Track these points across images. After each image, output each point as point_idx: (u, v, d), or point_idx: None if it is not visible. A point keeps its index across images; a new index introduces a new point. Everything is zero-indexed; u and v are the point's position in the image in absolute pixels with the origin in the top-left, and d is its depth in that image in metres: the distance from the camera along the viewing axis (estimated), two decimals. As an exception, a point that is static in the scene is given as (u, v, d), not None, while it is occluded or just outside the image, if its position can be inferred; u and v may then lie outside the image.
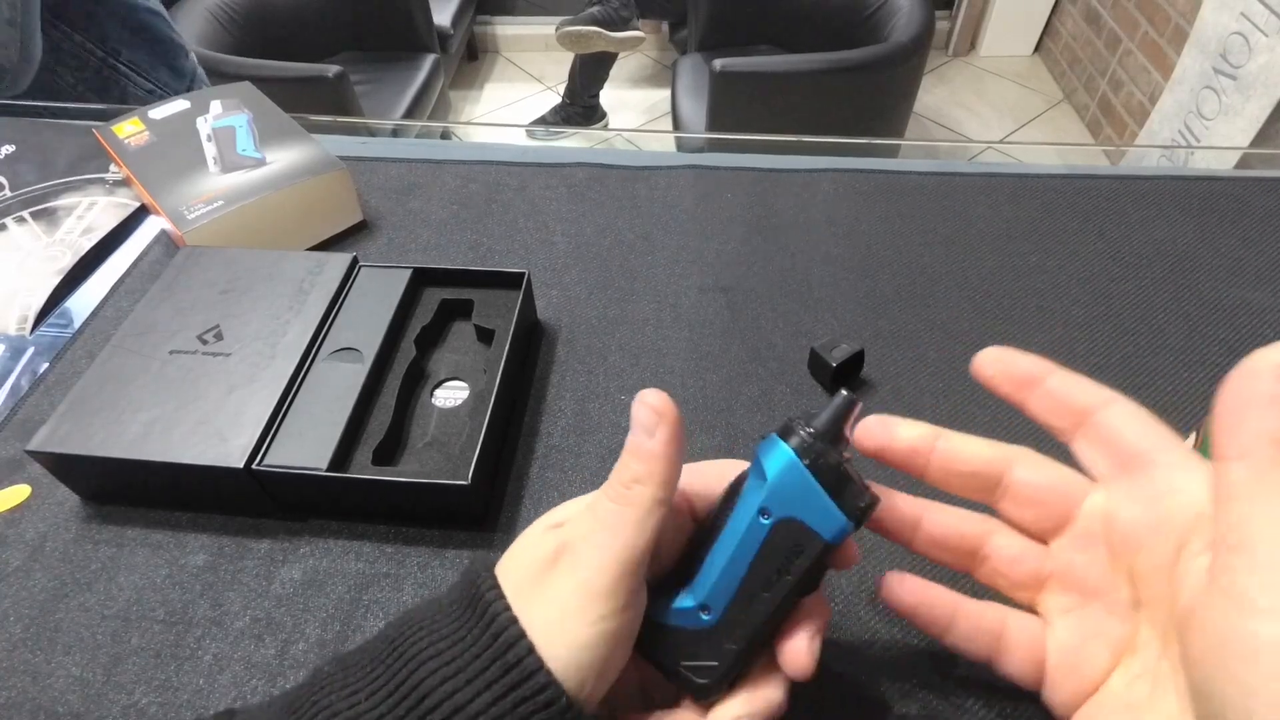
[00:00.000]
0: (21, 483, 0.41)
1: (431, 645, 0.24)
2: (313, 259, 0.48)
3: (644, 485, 0.24)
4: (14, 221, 0.58)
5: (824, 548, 0.25)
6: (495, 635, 0.23)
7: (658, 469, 0.25)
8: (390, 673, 0.24)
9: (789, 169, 0.62)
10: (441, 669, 0.23)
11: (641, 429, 0.25)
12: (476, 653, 0.23)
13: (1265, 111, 1.56)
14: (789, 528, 0.25)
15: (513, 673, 0.22)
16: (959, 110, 2.60)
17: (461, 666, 0.23)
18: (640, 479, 0.25)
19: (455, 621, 0.24)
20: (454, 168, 0.63)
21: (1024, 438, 0.43)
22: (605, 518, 0.24)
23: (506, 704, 0.22)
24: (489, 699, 0.22)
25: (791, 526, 0.25)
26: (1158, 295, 0.51)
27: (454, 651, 0.23)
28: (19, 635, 0.35)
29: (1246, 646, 0.18)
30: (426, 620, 0.25)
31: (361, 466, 0.39)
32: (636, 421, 0.25)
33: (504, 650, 0.23)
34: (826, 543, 0.25)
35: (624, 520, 0.24)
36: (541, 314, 0.51)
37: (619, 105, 2.61)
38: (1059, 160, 0.80)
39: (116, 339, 0.43)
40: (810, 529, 0.25)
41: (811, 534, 0.25)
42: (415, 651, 0.24)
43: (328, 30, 2.10)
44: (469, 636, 0.24)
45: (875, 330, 0.49)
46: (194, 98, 0.62)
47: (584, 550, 0.24)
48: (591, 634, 0.23)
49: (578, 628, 0.23)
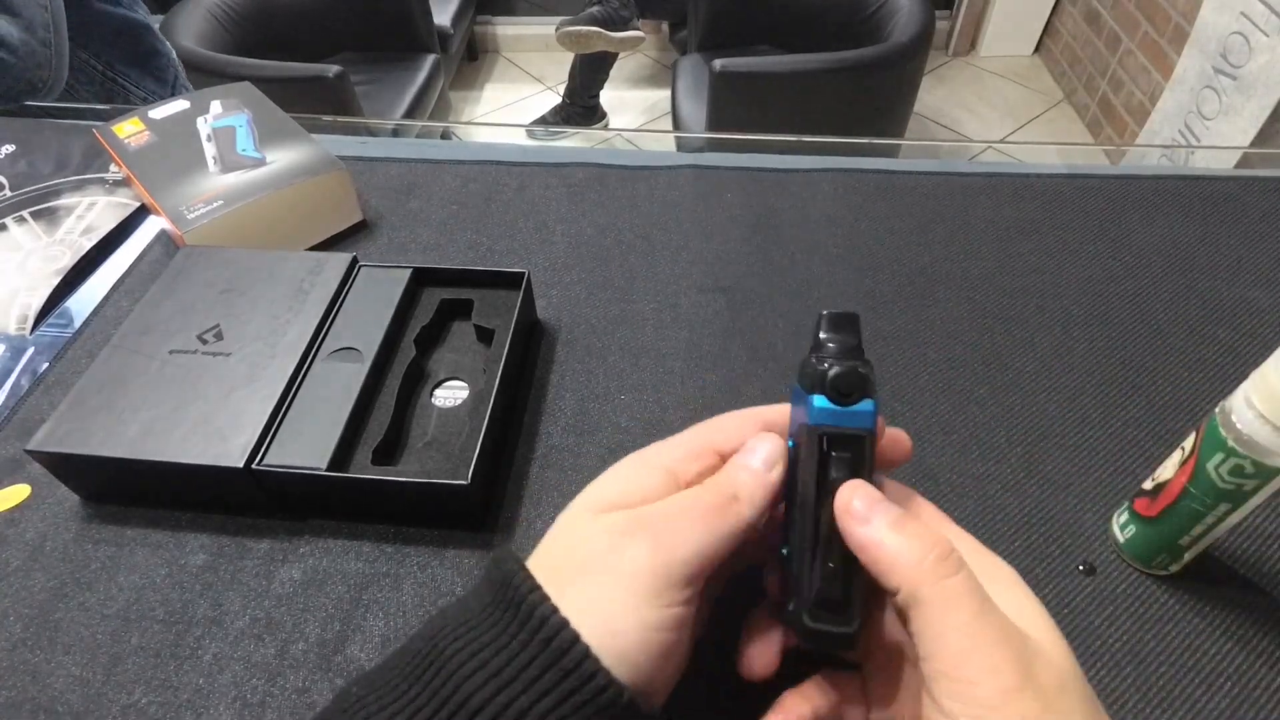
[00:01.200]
0: (21, 483, 0.41)
1: (474, 656, 0.22)
2: (313, 259, 0.48)
3: (743, 505, 0.25)
4: (14, 221, 0.58)
5: (867, 436, 0.26)
6: (547, 640, 0.22)
7: (761, 498, 0.25)
8: (430, 690, 0.22)
9: (789, 169, 0.62)
10: (491, 680, 0.22)
11: (761, 460, 0.26)
12: (527, 659, 0.22)
13: (1265, 111, 1.56)
14: (817, 437, 0.26)
15: (571, 678, 0.21)
16: (959, 110, 2.60)
17: (513, 676, 0.22)
18: (741, 498, 0.25)
19: (495, 628, 0.23)
20: (454, 168, 0.63)
21: (1024, 438, 0.43)
22: (699, 512, 0.25)
23: (566, 709, 0.21)
24: (548, 705, 0.21)
25: (817, 435, 0.26)
26: (1158, 295, 0.51)
27: (501, 660, 0.22)
28: (19, 635, 0.35)
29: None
30: (460, 628, 0.23)
31: (361, 466, 0.39)
32: (756, 453, 0.26)
33: (559, 655, 0.22)
34: (867, 431, 0.26)
35: (718, 523, 0.24)
36: (541, 314, 0.51)
37: (619, 105, 2.61)
38: (1059, 160, 0.80)
39: (116, 339, 0.43)
40: (843, 430, 0.26)
41: (846, 433, 0.26)
42: (457, 665, 0.22)
43: (328, 30, 2.10)
44: (515, 643, 0.22)
45: (875, 330, 0.49)
46: (194, 98, 0.62)
47: (667, 533, 0.24)
48: (663, 616, 0.23)
49: (650, 611, 0.23)
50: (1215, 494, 0.31)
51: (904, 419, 0.44)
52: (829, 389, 0.25)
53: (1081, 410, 0.44)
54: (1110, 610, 0.35)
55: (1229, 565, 0.37)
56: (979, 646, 0.22)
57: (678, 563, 0.23)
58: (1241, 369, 0.46)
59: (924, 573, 0.23)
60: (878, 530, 0.24)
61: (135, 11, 0.92)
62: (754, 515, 0.25)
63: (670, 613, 0.23)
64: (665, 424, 0.44)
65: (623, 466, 0.28)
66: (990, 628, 0.22)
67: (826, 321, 0.27)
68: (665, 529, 0.24)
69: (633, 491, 0.26)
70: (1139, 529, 0.36)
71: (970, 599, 0.23)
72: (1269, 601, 0.35)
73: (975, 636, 0.22)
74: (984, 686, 0.21)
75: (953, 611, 0.22)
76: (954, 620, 0.22)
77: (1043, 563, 0.37)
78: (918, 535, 0.24)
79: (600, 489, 0.27)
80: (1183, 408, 0.44)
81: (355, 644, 0.35)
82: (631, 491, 0.26)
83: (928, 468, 0.41)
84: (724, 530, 0.24)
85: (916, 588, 0.23)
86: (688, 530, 0.24)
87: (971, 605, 0.23)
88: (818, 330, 0.27)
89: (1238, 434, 0.29)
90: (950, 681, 0.22)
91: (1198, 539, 0.33)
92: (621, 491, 0.26)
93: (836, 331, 0.27)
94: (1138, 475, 0.40)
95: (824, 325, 0.27)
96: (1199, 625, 0.35)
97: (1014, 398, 0.45)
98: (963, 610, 0.22)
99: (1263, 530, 0.38)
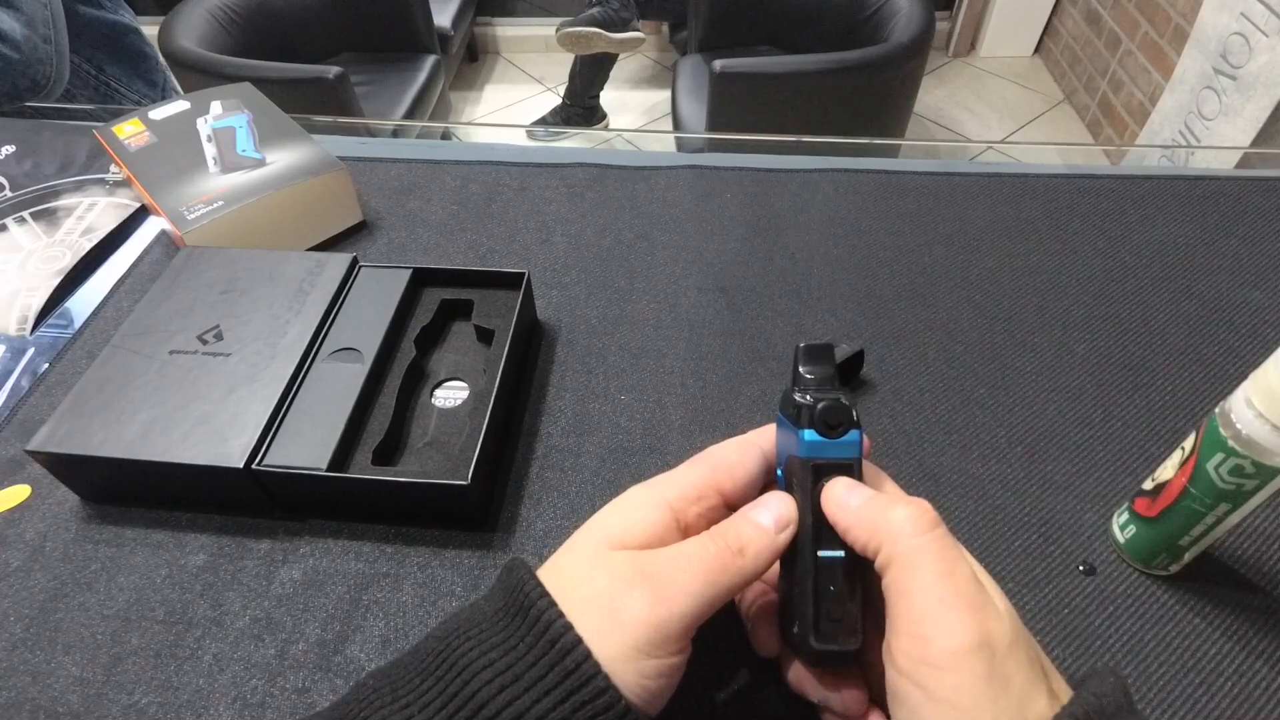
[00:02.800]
0: (21, 483, 0.41)
1: (483, 655, 0.24)
2: (313, 259, 0.48)
3: (747, 561, 0.25)
4: (14, 222, 0.58)
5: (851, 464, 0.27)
6: (552, 642, 0.23)
7: (766, 556, 0.26)
8: (442, 685, 0.23)
9: (789, 169, 0.62)
10: (497, 678, 0.23)
11: (774, 520, 0.26)
12: (532, 660, 0.23)
13: (1265, 111, 1.55)
14: (810, 469, 0.27)
15: (571, 678, 0.22)
16: (959, 111, 2.60)
17: (518, 674, 0.23)
18: (748, 554, 0.25)
19: (505, 630, 0.24)
20: (454, 168, 0.63)
21: (1024, 438, 0.43)
22: (702, 565, 0.25)
23: (566, 709, 0.22)
24: (548, 705, 0.22)
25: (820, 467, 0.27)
26: (1158, 295, 0.51)
27: (508, 660, 0.23)
28: (19, 635, 0.35)
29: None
30: (473, 630, 0.25)
31: (361, 466, 0.39)
32: (770, 512, 0.27)
33: (561, 656, 0.23)
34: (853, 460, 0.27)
35: (720, 577, 0.25)
36: (541, 314, 0.51)
37: (619, 106, 2.61)
38: (1059, 160, 0.80)
39: (116, 339, 0.43)
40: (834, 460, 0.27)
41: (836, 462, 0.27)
42: (467, 663, 0.24)
43: (328, 31, 2.10)
44: (521, 645, 0.23)
45: (875, 330, 0.49)
46: (194, 98, 0.62)
47: (668, 586, 0.24)
48: (658, 666, 0.24)
49: (645, 663, 0.23)
50: (1215, 494, 0.31)
51: (904, 419, 0.44)
52: (818, 423, 0.27)
53: (1081, 410, 0.44)
54: (1110, 610, 0.35)
55: (1229, 565, 0.37)
56: (940, 606, 0.23)
57: (676, 617, 0.24)
58: (1241, 369, 0.46)
59: (898, 532, 0.24)
60: (858, 507, 0.25)
61: (120, 15, 0.93)
62: (757, 572, 0.26)
63: (666, 663, 0.24)
64: (665, 424, 0.44)
65: (629, 500, 0.28)
66: (953, 589, 0.23)
67: (803, 355, 0.28)
68: (667, 581, 0.24)
69: (636, 529, 0.27)
70: (1139, 529, 0.36)
71: (939, 558, 0.23)
72: (1269, 601, 0.35)
73: (937, 595, 0.23)
74: (937, 644, 0.22)
75: (920, 570, 0.23)
76: (920, 578, 0.23)
77: (1043, 563, 0.37)
78: (894, 502, 0.25)
79: (605, 522, 0.27)
80: (1183, 408, 0.44)
81: (355, 644, 0.35)
82: (635, 529, 0.27)
83: (928, 468, 0.41)
84: (726, 583, 0.25)
85: (893, 545, 0.24)
86: (689, 584, 0.24)
87: (939, 565, 0.23)
88: (796, 364, 0.29)
89: (1237, 434, 0.29)
90: (908, 638, 0.23)
91: (1198, 539, 0.33)
92: (625, 529, 0.27)
93: (814, 363, 0.28)
94: (1138, 475, 0.40)
95: (801, 358, 0.28)
96: (1199, 625, 0.35)
97: (1014, 398, 0.45)
98: (929, 569, 0.23)
99: (1263, 530, 0.38)
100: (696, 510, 0.27)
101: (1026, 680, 0.22)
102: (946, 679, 0.22)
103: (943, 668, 0.22)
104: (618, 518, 0.27)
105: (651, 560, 0.25)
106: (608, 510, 0.28)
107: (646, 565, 0.25)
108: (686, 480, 0.28)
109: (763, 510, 0.27)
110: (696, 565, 0.25)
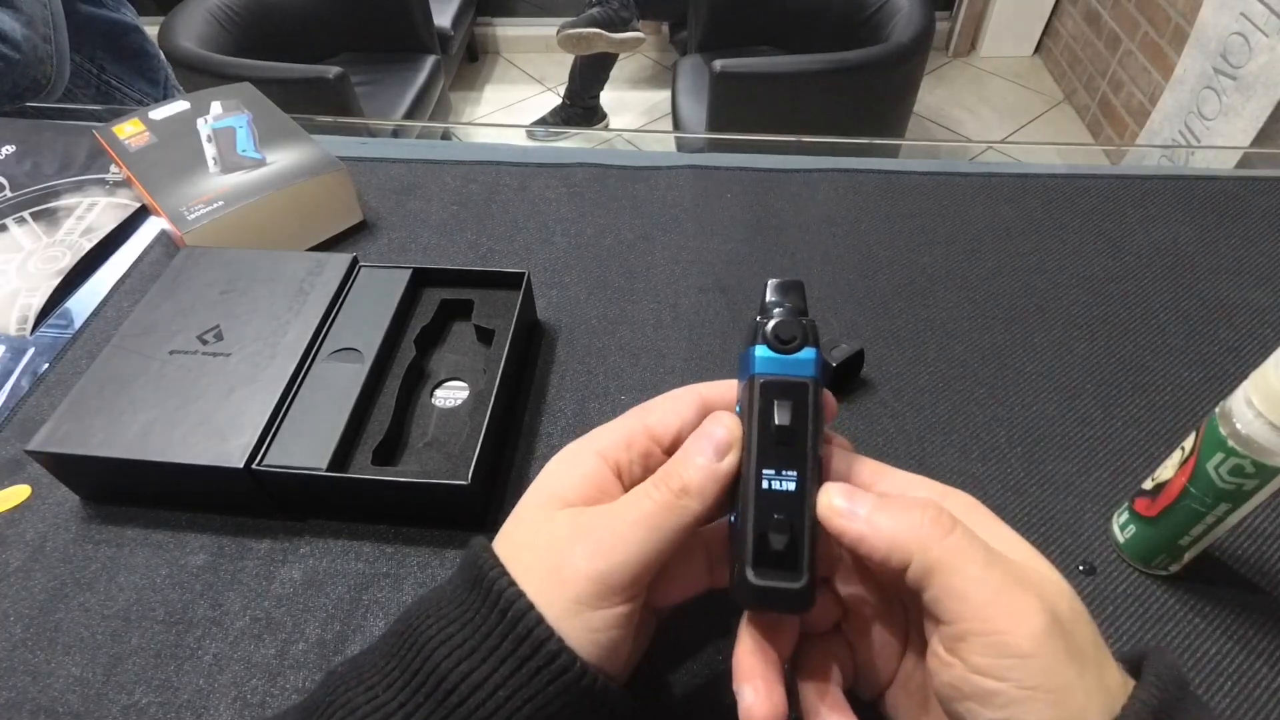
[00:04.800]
0: (21, 483, 0.41)
1: (441, 630, 0.24)
2: (313, 259, 0.48)
3: (692, 500, 0.25)
4: (14, 222, 0.58)
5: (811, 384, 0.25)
6: (504, 611, 0.24)
7: (712, 488, 0.25)
8: (404, 663, 0.24)
9: (789, 169, 0.62)
10: (454, 651, 0.23)
11: (714, 448, 0.25)
12: (487, 631, 0.23)
13: (1265, 111, 1.55)
14: (759, 386, 0.25)
15: (524, 645, 0.23)
16: (959, 111, 2.60)
17: (475, 645, 0.23)
18: (691, 492, 0.25)
19: (462, 605, 0.25)
20: (454, 168, 0.63)
21: (1024, 438, 0.43)
22: (644, 517, 0.25)
23: (523, 675, 0.23)
24: (506, 672, 0.23)
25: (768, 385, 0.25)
26: (1158, 295, 0.51)
27: (465, 633, 0.24)
28: (19, 635, 0.35)
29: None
30: (433, 607, 0.25)
31: (361, 466, 0.39)
32: (709, 438, 0.26)
33: (513, 624, 0.23)
34: (811, 379, 0.25)
35: (663, 525, 0.24)
36: (541, 314, 0.51)
37: (619, 106, 2.61)
38: (1059, 160, 0.80)
39: (116, 339, 0.43)
40: (789, 379, 0.25)
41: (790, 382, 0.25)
42: (426, 639, 0.24)
43: (328, 31, 2.10)
44: (477, 617, 0.24)
45: (875, 330, 0.49)
46: (194, 98, 0.62)
47: (608, 538, 0.24)
48: (605, 618, 0.24)
49: (592, 615, 0.24)
50: (1215, 494, 0.31)
51: (904, 419, 0.44)
52: (770, 337, 0.25)
53: (1081, 410, 0.44)
54: (1110, 610, 0.35)
55: (1229, 565, 0.37)
56: (1000, 596, 0.22)
57: (616, 567, 0.24)
58: (1241, 369, 0.46)
59: (927, 538, 0.23)
60: (868, 517, 0.24)
61: (122, 13, 0.92)
62: (703, 508, 0.25)
63: (612, 613, 0.24)
64: (665, 424, 0.44)
65: (562, 457, 0.28)
66: (1001, 573, 0.22)
67: (772, 288, 0.27)
68: (605, 533, 0.24)
69: (572, 483, 0.27)
70: (1139, 529, 0.36)
71: (975, 550, 0.23)
72: (1269, 601, 0.35)
73: (993, 586, 0.22)
74: (1015, 634, 0.21)
75: (965, 567, 0.22)
76: (969, 574, 0.22)
77: (1043, 563, 0.37)
78: (906, 507, 0.24)
79: (542, 483, 0.27)
80: (1183, 408, 0.44)
81: (355, 644, 0.35)
82: (570, 483, 0.27)
83: (928, 468, 0.41)
84: (672, 525, 0.25)
85: (926, 554, 0.23)
86: (627, 532, 0.24)
87: (978, 556, 0.23)
88: (764, 296, 0.27)
89: (1237, 434, 0.29)
90: (980, 637, 0.22)
91: (1198, 539, 0.33)
92: (563, 486, 0.27)
93: (783, 295, 0.27)
94: (1138, 475, 0.40)
95: (770, 290, 0.27)
96: (1199, 625, 0.35)
97: (1014, 398, 0.45)
98: (973, 563, 0.22)
99: (1263, 530, 0.38)
100: (628, 457, 0.27)
101: (1093, 646, 0.22)
102: (1034, 665, 0.21)
103: (1028, 654, 0.21)
104: (552, 477, 0.27)
105: (592, 516, 0.25)
106: (544, 471, 0.28)
107: (586, 521, 0.25)
108: (614, 428, 0.28)
109: (703, 440, 0.26)
110: (635, 514, 0.25)
